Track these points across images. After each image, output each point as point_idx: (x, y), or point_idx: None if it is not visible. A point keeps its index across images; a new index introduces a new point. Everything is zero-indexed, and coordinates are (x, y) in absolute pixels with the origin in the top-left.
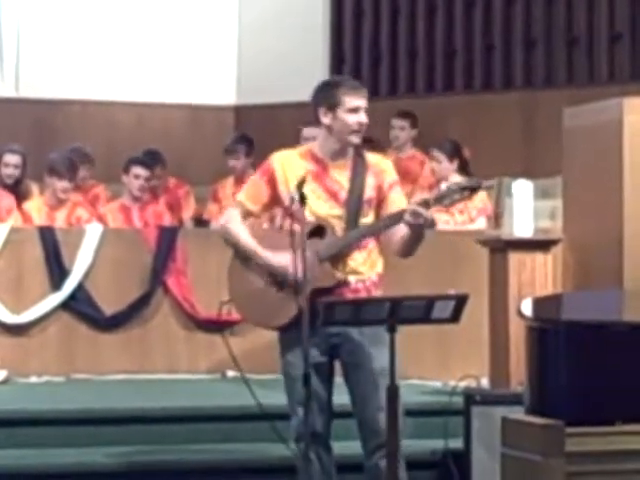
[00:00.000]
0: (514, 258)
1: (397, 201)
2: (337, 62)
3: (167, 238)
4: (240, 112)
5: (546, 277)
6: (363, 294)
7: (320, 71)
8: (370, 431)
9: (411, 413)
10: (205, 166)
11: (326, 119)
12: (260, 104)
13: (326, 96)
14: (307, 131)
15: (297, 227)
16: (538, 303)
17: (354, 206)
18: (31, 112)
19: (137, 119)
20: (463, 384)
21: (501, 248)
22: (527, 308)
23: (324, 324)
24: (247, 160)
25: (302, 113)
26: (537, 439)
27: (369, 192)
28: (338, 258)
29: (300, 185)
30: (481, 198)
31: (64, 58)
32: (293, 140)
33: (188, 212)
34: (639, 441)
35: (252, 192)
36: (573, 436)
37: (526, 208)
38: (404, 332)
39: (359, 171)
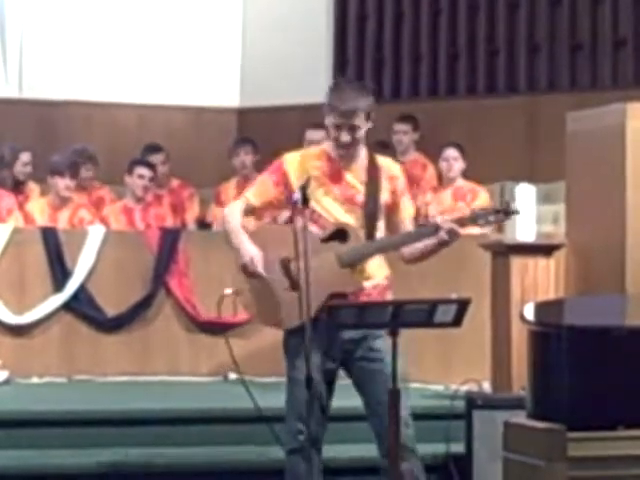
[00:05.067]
0: (516, 262)
1: (408, 208)
2: (340, 65)
3: (169, 240)
4: (243, 114)
5: (548, 281)
6: (377, 299)
7: (323, 74)
8: (385, 440)
9: (413, 417)
10: (208, 168)
11: (326, 121)
12: (263, 106)
13: (327, 99)
14: (311, 134)
15: (300, 226)
16: (540, 307)
17: (371, 210)
18: (34, 113)
19: (139, 121)
20: (465, 388)
21: (503, 252)
22: (529, 312)
23: (328, 327)
24: (252, 161)
25: (305, 115)
26: (539, 443)
27: (385, 196)
28: (358, 264)
29: (304, 187)
30: (484, 202)
31: (67, 59)
32: (296, 142)
33: (192, 214)
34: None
35: (259, 189)
36: (575, 441)
37: (529, 212)
38: (406, 336)
39: (374, 174)
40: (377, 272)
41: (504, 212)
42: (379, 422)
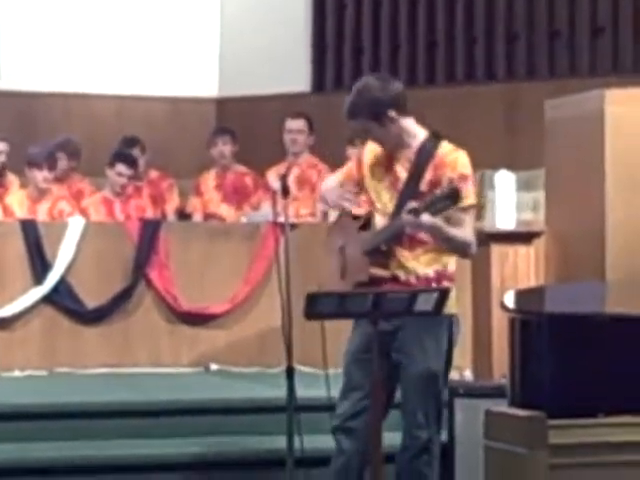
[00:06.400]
0: (496, 250)
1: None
2: (319, 54)
3: (149, 231)
4: (222, 104)
5: (528, 269)
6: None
7: (302, 63)
8: (404, 431)
9: (394, 406)
10: (187, 159)
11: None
12: (242, 96)
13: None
14: (290, 123)
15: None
16: (521, 295)
17: (406, 199)
18: (12, 105)
19: (118, 112)
20: None
21: (483, 240)
22: (510, 300)
23: (308, 316)
24: (231, 151)
25: (284, 105)
26: (520, 431)
27: (423, 186)
28: (386, 253)
29: (284, 177)
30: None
31: (45, 51)
32: (275, 132)
33: (172, 205)
34: (622, 433)
35: (345, 171)
36: (556, 428)
37: (508, 200)
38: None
39: (420, 163)
40: (415, 263)
41: (450, 197)
42: (404, 418)
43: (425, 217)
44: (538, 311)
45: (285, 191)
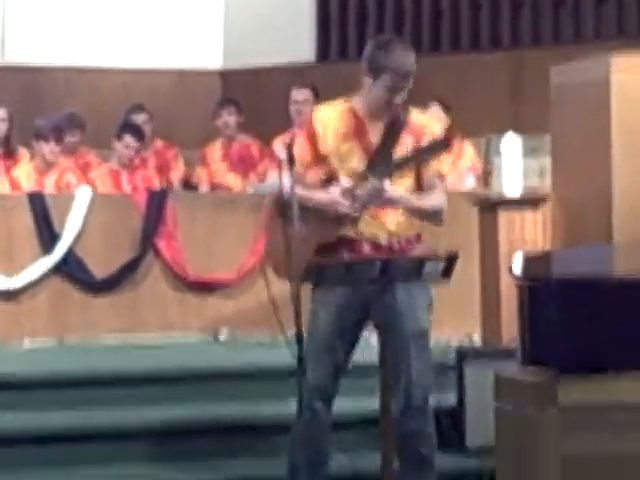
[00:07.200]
0: (503, 216)
1: (434, 165)
2: (323, 24)
3: (156, 202)
4: (227, 76)
5: (536, 235)
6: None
7: (307, 33)
8: (398, 392)
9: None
10: (192, 131)
11: (371, 80)
12: (247, 67)
13: (375, 57)
14: (296, 93)
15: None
16: (529, 260)
17: (378, 163)
18: (17, 79)
19: (123, 85)
20: (455, 341)
21: (490, 207)
22: (518, 265)
23: (316, 285)
24: (236, 121)
25: (289, 75)
26: (529, 393)
27: (400, 152)
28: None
29: (289, 146)
30: (470, 157)
31: (50, 24)
32: (281, 103)
33: (177, 174)
34: (631, 394)
35: (298, 153)
36: (565, 389)
37: (515, 166)
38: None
39: (393, 129)
40: (399, 227)
41: (441, 143)
42: (394, 373)
43: (390, 191)
44: (547, 275)
45: (291, 160)
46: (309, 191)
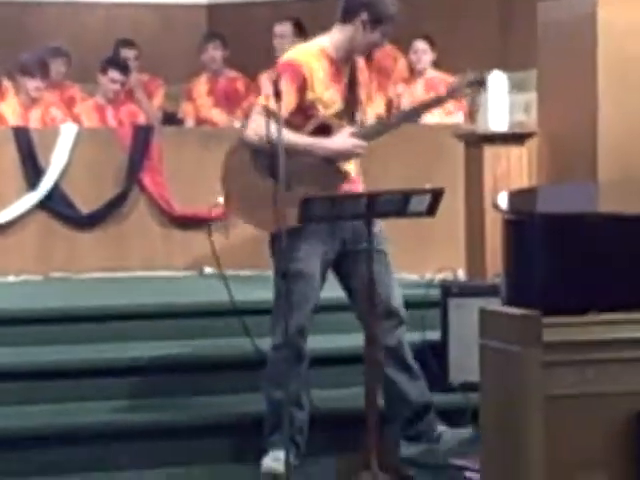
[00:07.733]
0: (489, 152)
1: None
2: None
3: (142, 137)
4: (212, 10)
5: (521, 170)
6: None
7: None
8: (386, 312)
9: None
10: (178, 65)
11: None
12: (232, 2)
13: (375, 5)
14: (279, 28)
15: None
16: (513, 196)
17: (349, 103)
18: (3, 15)
19: (108, 20)
20: (440, 276)
21: (476, 142)
22: (503, 201)
23: (302, 220)
24: (221, 56)
25: (275, 11)
26: (514, 329)
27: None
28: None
29: (276, 81)
30: None
31: None
32: (266, 38)
33: (156, 101)
34: (613, 330)
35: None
36: (550, 326)
37: (501, 101)
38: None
39: (354, 70)
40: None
41: (477, 82)
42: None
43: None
44: (531, 211)
45: (277, 95)
46: (298, 135)
